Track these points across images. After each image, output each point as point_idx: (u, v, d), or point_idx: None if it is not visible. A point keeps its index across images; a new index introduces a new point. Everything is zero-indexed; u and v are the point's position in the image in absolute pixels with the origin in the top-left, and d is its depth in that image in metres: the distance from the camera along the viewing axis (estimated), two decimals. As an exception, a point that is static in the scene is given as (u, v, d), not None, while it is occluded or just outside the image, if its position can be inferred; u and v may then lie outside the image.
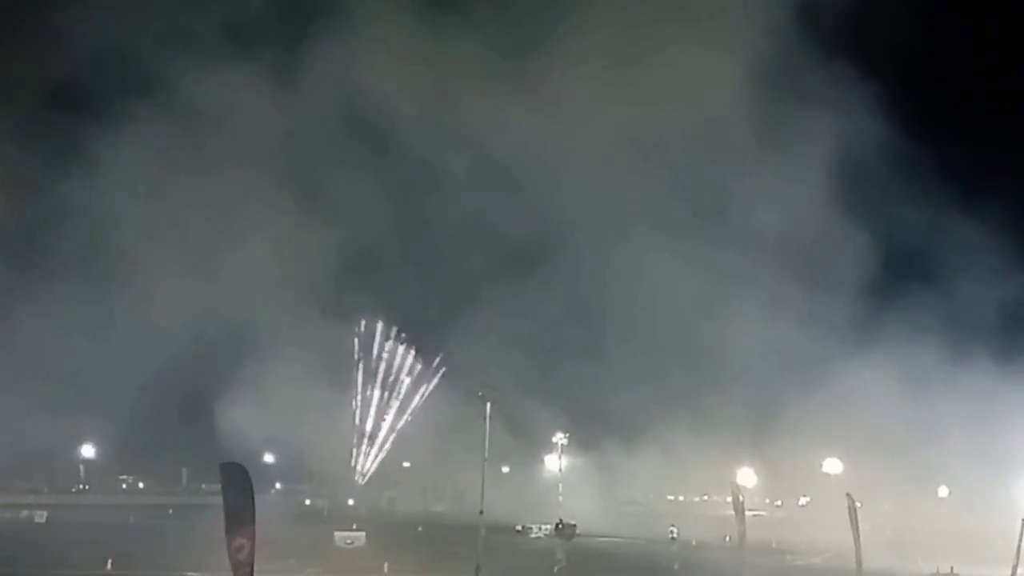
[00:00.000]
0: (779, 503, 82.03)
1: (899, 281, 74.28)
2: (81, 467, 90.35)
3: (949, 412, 60.25)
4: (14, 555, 39.72)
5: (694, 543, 55.39)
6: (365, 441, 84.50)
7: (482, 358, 68.82)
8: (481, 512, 31.96)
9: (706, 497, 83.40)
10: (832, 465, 54.96)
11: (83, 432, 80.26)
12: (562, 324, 75.42)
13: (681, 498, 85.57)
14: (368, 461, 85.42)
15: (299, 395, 72.23)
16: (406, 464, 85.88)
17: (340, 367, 79.70)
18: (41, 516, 63.97)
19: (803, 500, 79.50)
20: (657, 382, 70.65)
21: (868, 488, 51.08)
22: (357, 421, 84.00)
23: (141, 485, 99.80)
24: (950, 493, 66.87)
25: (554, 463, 66.25)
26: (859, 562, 33.96)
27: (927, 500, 64.87)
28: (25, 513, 65.95)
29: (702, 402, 69.55)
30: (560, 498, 61.12)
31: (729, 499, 47.95)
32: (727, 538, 46.62)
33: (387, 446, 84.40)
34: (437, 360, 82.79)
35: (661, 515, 67.05)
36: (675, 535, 58.62)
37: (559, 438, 64.27)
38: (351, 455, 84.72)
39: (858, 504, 45.24)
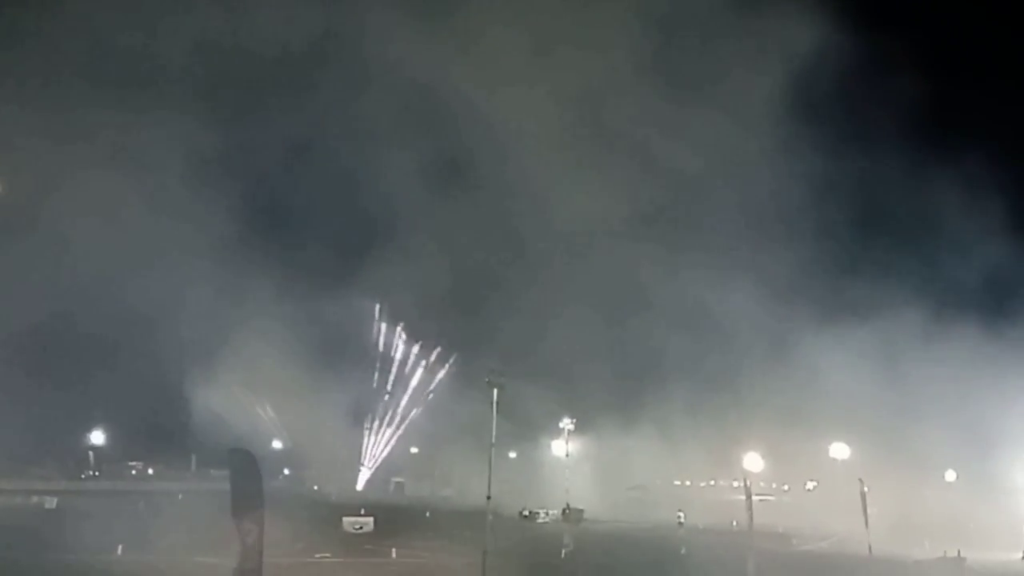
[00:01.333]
0: (786, 488, 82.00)
1: (904, 265, 74.24)
2: (91, 453, 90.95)
3: (956, 396, 60.17)
4: (26, 540, 40.04)
5: (701, 528, 55.53)
6: (373, 427, 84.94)
7: (489, 344, 68.91)
8: (488, 497, 31.99)
9: (713, 482, 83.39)
10: (839, 450, 54.83)
11: (92, 419, 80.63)
12: (567, 311, 75.14)
13: (688, 483, 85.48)
14: (376, 447, 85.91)
15: (306, 381, 72.50)
16: (413, 450, 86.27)
17: (347, 354, 79.66)
18: (51, 502, 64.39)
19: (810, 485, 79.46)
20: (663, 367, 70.69)
21: (875, 473, 50.97)
22: (366, 408, 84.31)
23: (150, 471, 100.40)
24: (957, 477, 66.78)
25: (561, 449, 66.39)
26: (870, 547, 33.96)
27: (934, 484, 64.75)
28: (35, 499, 66.36)
29: (708, 387, 69.47)
30: (567, 483, 61.24)
31: (735, 484, 48.20)
32: (734, 523, 46.72)
33: (395, 433, 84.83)
34: (437, 350, 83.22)
35: (668, 500, 67.07)
36: (682, 520, 58.76)
37: (566, 424, 64.38)
38: (359, 441, 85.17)
39: (866, 489, 45.37)
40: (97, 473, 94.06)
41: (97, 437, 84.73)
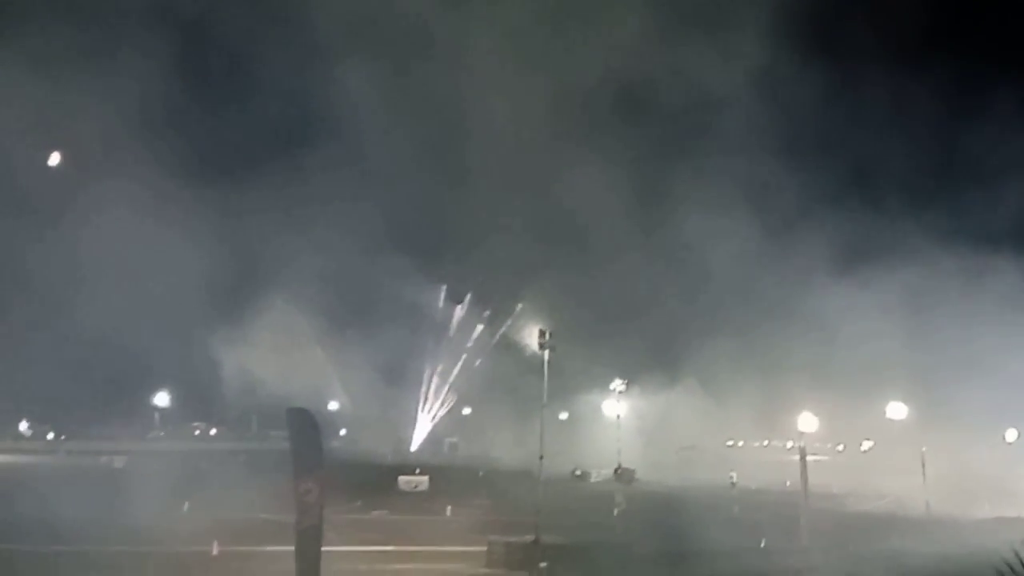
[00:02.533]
0: (841, 448, 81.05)
1: (964, 220, 72.35)
2: (156, 415, 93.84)
3: (1020, 352, 58.54)
4: (96, 498, 41.65)
5: (753, 488, 55.36)
6: (428, 389, 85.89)
7: (542, 304, 68.76)
8: (541, 457, 32.36)
9: (766, 443, 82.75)
10: (896, 410, 53.97)
11: (157, 381, 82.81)
12: (620, 271, 74.52)
13: (740, 444, 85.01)
14: (430, 409, 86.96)
15: (361, 344, 73.51)
16: (466, 411, 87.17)
17: (402, 317, 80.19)
18: (120, 462, 66.65)
19: (866, 445, 78.46)
20: (717, 326, 69.88)
21: (932, 432, 50.24)
22: (421, 370, 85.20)
23: (213, 432, 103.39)
24: (1019, 436, 65.37)
25: (612, 409, 66.46)
26: (928, 504, 33.67)
27: (994, 444, 63.44)
28: (104, 459, 68.77)
29: (762, 346, 68.38)
30: (618, 444, 61.42)
31: (789, 444, 47.88)
32: (787, 483, 46.53)
33: (449, 394, 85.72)
34: (488, 312, 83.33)
35: (720, 461, 66.87)
36: (735, 480, 58.59)
37: (617, 385, 64.33)
38: (415, 403, 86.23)
39: (923, 448, 44.78)
40: (162, 434, 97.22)
41: (162, 399, 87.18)
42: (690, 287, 73.55)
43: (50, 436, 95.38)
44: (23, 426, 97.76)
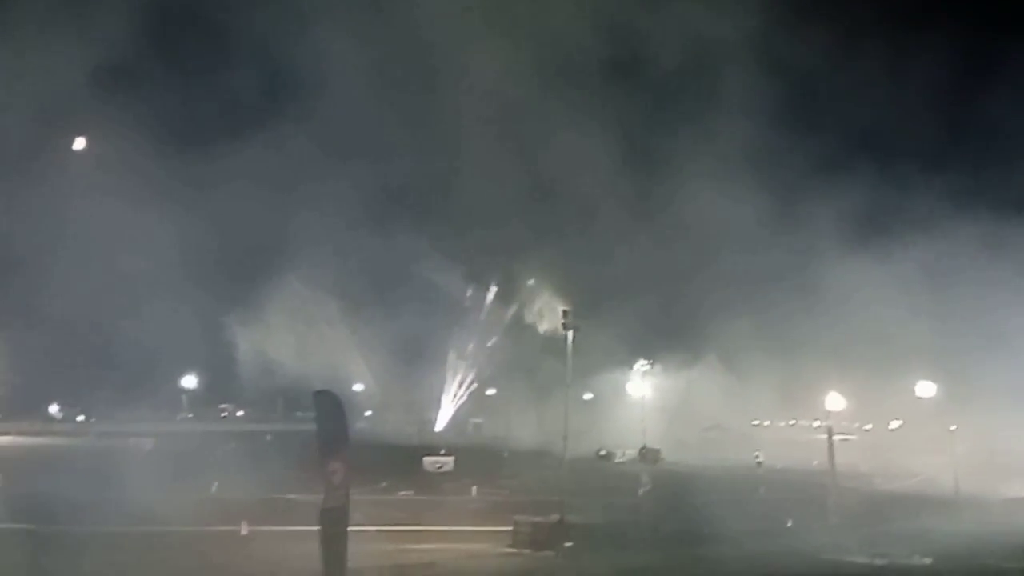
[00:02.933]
0: (869, 427, 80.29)
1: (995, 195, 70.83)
2: (183, 396, 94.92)
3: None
4: (126, 479, 42.18)
5: (780, 468, 55.09)
6: (452, 371, 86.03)
7: (561, 283, 68.41)
8: (565, 438, 32.31)
9: (793, 422, 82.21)
10: (925, 388, 53.28)
11: (185, 364, 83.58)
12: (645, 247, 73.64)
13: (767, 423, 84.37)
14: (455, 389, 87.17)
15: (385, 326, 73.68)
16: (490, 392, 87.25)
17: (423, 298, 80.00)
18: (148, 443, 67.47)
19: (894, 424, 77.68)
20: (739, 303, 68.71)
21: (962, 410, 49.56)
22: (446, 351, 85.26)
23: (240, 413, 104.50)
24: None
25: (637, 390, 66.28)
26: (956, 481, 33.31)
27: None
28: (134, 440, 69.62)
29: (785, 322, 67.12)
30: (643, 425, 61.20)
31: (816, 423, 47.54)
32: (814, 462, 46.26)
33: (473, 375, 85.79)
34: (505, 290, 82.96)
35: (746, 441, 66.51)
36: (760, 460, 58.30)
37: (641, 365, 64.09)
38: (439, 384, 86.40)
39: (952, 427, 44.25)
40: (190, 415, 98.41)
41: (189, 381, 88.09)
42: (709, 263, 72.54)
43: (80, 419, 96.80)
44: (54, 409, 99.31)
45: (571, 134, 70.43)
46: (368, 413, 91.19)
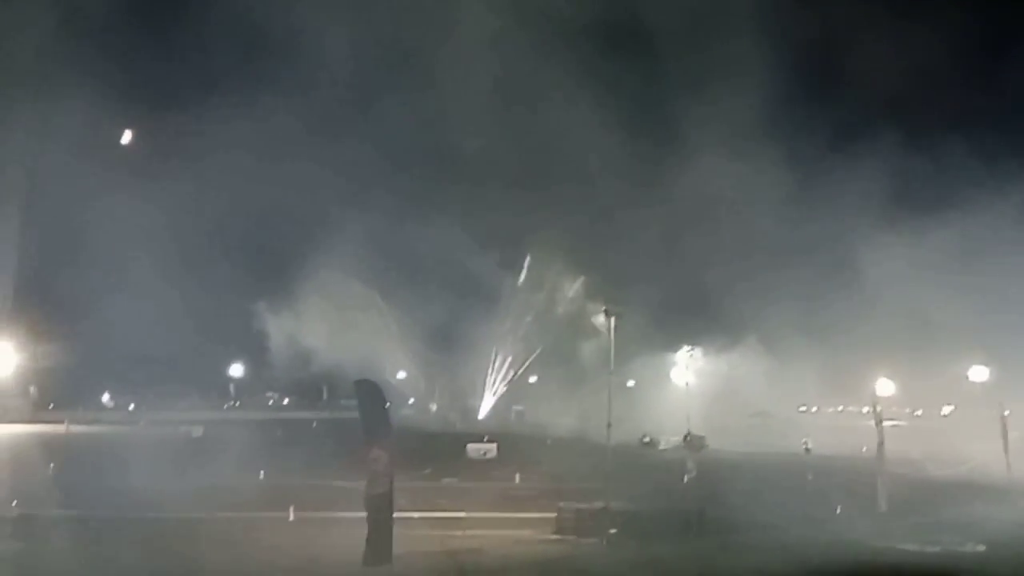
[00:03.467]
0: (920, 412, 78.56)
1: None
2: (231, 385, 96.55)
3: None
4: (176, 466, 43.00)
5: (828, 455, 54.09)
6: (495, 358, 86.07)
7: (609, 270, 67.82)
8: (609, 425, 32.09)
9: (840, 408, 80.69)
10: (978, 373, 51.89)
11: (231, 352, 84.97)
12: (678, 228, 72.48)
13: (814, 409, 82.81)
14: (498, 377, 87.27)
15: (429, 314, 73.94)
16: (533, 379, 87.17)
17: (463, 285, 79.91)
18: (198, 430, 68.71)
19: (946, 409, 75.90)
20: (781, 284, 66.87)
21: (1017, 394, 48.15)
22: (488, 339, 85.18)
23: (285, 401, 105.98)
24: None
25: (681, 376, 65.70)
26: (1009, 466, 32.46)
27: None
28: (183, 428, 70.95)
29: (830, 303, 65.22)
30: (687, 411, 60.48)
31: (865, 409, 46.67)
32: (864, 449, 45.41)
33: (516, 362, 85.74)
34: (558, 278, 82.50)
35: (792, 427, 65.30)
36: (808, 446, 57.25)
37: (686, 351, 63.45)
38: (482, 372, 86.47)
39: (1006, 412, 43.15)
40: (237, 403, 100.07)
41: (236, 370, 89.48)
42: (745, 243, 71.08)
43: (131, 407, 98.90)
44: (105, 398, 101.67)
45: (599, 114, 69.51)
46: (411, 401, 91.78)
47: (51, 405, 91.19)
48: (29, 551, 23.90)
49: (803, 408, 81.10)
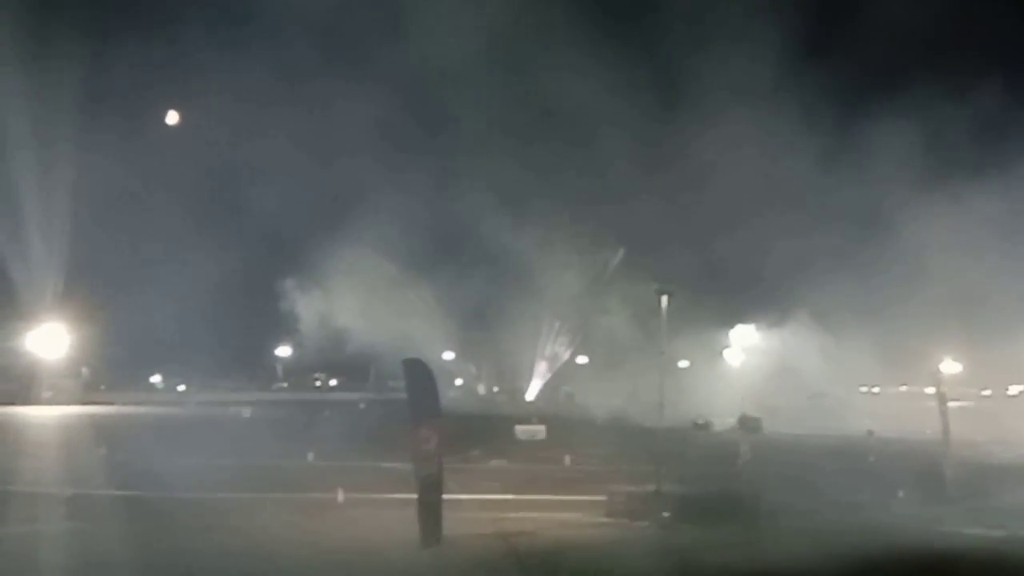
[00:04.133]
0: (987, 393, 75.89)
1: None
2: (278, 366, 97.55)
3: None
4: (225, 446, 43.29)
5: (891, 437, 52.65)
6: (544, 338, 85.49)
7: (661, 246, 66.35)
8: (661, 406, 31.31)
9: (904, 388, 78.33)
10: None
11: (279, 333, 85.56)
12: (745, 207, 70.43)
13: (876, 390, 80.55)
14: (547, 358, 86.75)
15: (475, 292, 73.43)
16: (582, 360, 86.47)
17: (509, 264, 79.12)
18: (246, 411, 69.54)
19: (1014, 389, 73.33)
20: (847, 263, 64.69)
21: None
22: (536, 318, 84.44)
23: (333, 382, 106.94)
24: None
25: (735, 356, 64.56)
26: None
27: None
28: (232, 409, 71.86)
29: (896, 283, 62.54)
30: (742, 392, 59.52)
31: (929, 390, 45.16)
32: (927, 431, 44.00)
33: (565, 342, 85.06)
34: (607, 255, 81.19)
35: (853, 408, 63.61)
36: (871, 429, 55.84)
37: (740, 330, 62.23)
38: (531, 352, 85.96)
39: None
40: (285, 384, 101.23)
41: (283, 351, 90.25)
42: (793, 212, 68.47)
43: (180, 388, 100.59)
44: (155, 379, 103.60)
45: (638, 80, 67.78)
46: (459, 382, 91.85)
47: (102, 387, 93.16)
48: (83, 531, 23.96)
49: (864, 389, 78.70)
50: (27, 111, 57.39)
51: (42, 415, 69.28)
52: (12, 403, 77.68)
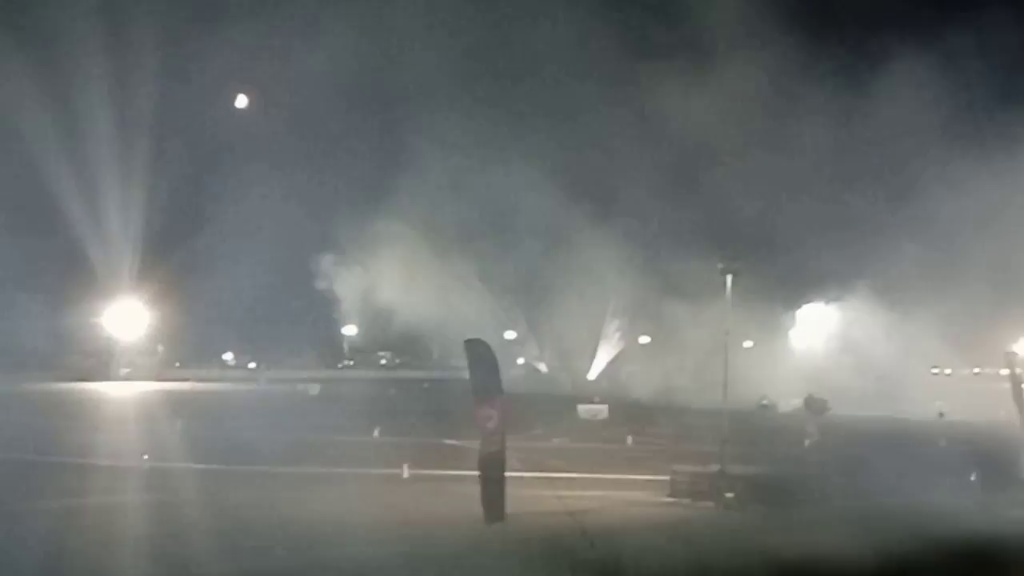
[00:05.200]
0: None
1: None
2: (345, 345, 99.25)
3: None
4: (294, 422, 44.45)
5: (964, 420, 51.29)
6: (607, 317, 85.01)
7: (723, 222, 65.14)
8: (725, 386, 31.05)
9: (977, 370, 75.74)
10: None
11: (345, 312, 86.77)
12: (812, 184, 68.45)
13: (948, 371, 77.91)
14: (609, 337, 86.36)
15: (536, 272, 73.46)
16: (643, 339, 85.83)
17: (572, 243, 78.51)
18: (315, 389, 71.05)
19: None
20: (916, 239, 61.95)
21: None
22: (599, 298, 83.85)
23: (398, 361, 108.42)
24: None
25: (800, 337, 63.37)
26: None
27: None
28: (301, 386, 73.50)
29: (954, 248, 59.93)
30: (808, 373, 58.19)
31: (1004, 371, 43.71)
32: (1002, 412, 42.74)
33: (626, 321, 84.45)
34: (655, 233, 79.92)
35: (923, 390, 61.80)
36: (943, 411, 54.43)
37: (806, 309, 60.90)
38: (594, 332, 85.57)
39: None
40: (351, 363, 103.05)
41: (350, 330, 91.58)
42: (854, 177, 66.10)
43: (251, 365, 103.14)
44: (227, 356, 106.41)
45: (689, 47, 66.23)
46: (521, 361, 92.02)
47: (177, 364, 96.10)
48: (160, 502, 24.92)
49: (936, 370, 76.07)
50: (105, 92, 59.41)
51: (120, 391, 71.95)
52: (92, 379, 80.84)
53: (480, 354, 21.62)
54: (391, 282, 69.78)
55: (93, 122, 60.05)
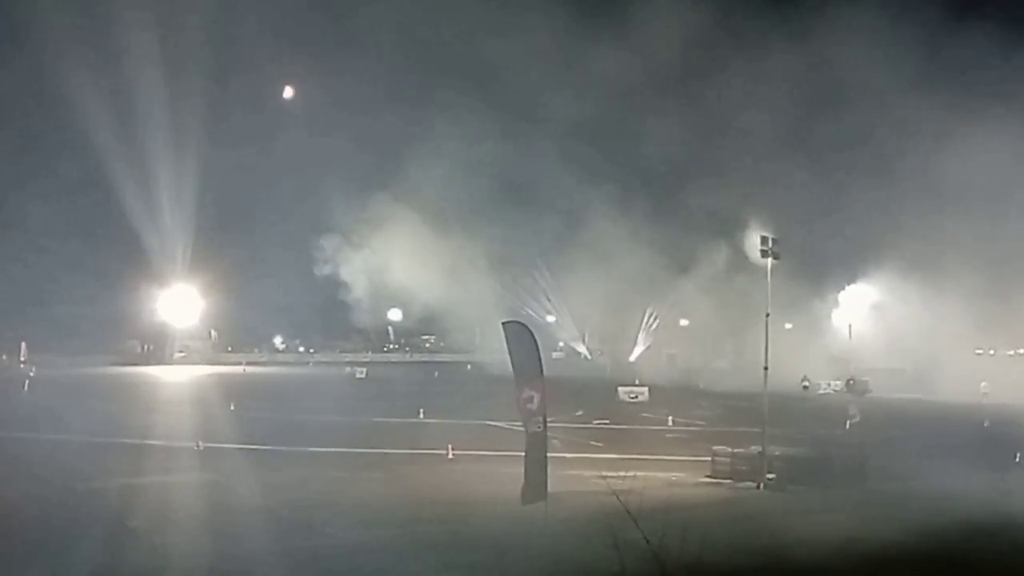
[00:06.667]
0: None
1: None
2: (390, 329, 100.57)
3: None
4: (344, 405, 45.42)
5: (1008, 401, 50.64)
6: (646, 300, 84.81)
7: (763, 205, 64.77)
8: (765, 368, 31.10)
9: (1012, 352, 74.12)
10: None
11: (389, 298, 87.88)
12: (855, 159, 67.54)
13: (992, 352, 76.38)
14: (649, 320, 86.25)
15: (576, 255, 73.70)
16: (683, 322, 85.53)
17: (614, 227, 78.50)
18: (361, 372, 72.23)
19: None
20: (961, 216, 61.60)
21: None
22: (640, 281, 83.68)
23: (442, 344, 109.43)
24: None
25: (843, 318, 62.68)
26: None
27: None
28: (348, 370, 74.76)
29: (993, 226, 59.85)
30: (850, 355, 57.76)
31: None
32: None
33: (666, 304, 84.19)
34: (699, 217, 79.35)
35: (967, 371, 60.82)
36: (986, 391, 53.77)
37: (848, 290, 60.23)
38: (635, 314, 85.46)
39: None
40: (396, 346, 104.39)
41: (395, 314, 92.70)
42: (889, 162, 65.21)
43: (301, 349, 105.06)
44: (277, 340, 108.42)
45: (724, 28, 65.80)
46: (561, 344, 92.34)
47: (229, 348, 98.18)
48: (213, 481, 25.80)
49: (979, 351, 74.76)
50: (157, 85, 61.02)
51: (175, 374, 73.84)
52: (148, 363, 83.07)
53: (519, 337, 21.88)
54: (432, 268, 70.72)
55: (144, 113, 61.80)
